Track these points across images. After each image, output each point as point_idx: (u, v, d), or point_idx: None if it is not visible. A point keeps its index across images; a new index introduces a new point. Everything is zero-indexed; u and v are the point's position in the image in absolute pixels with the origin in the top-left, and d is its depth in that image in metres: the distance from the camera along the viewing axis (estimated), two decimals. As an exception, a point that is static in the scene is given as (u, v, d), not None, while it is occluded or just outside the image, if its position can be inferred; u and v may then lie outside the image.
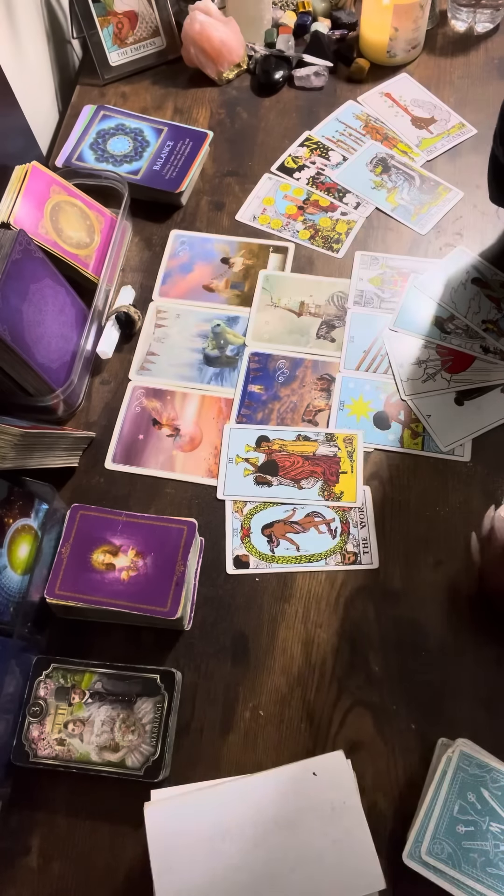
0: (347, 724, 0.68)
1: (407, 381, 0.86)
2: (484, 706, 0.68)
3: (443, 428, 0.83)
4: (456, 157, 1.06)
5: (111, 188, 0.98)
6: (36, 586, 0.69)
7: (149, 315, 0.93)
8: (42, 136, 1.09)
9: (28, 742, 0.65)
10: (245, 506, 0.80)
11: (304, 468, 0.82)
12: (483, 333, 0.89)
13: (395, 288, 0.94)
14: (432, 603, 0.73)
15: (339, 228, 1.00)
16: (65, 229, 0.89)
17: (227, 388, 0.88)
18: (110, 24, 1.11)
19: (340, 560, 0.76)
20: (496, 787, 0.61)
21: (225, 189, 1.05)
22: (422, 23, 1.11)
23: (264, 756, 0.67)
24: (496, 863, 0.58)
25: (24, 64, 1.04)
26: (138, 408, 0.87)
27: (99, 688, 0.67)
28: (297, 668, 0.71)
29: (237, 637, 0.73)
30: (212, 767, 0.67)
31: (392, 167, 1.05)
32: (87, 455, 0.84)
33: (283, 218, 1.01)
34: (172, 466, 0.83)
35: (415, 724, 0.68)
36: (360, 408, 0.85)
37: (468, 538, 0.76)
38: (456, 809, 0.60)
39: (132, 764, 0.64)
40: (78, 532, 0.73)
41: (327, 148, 1.08)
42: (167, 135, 1.06)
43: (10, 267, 0.74)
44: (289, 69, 1.15)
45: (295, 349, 0.90)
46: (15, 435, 0.69)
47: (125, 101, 1.15)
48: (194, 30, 1.10)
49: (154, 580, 0.70)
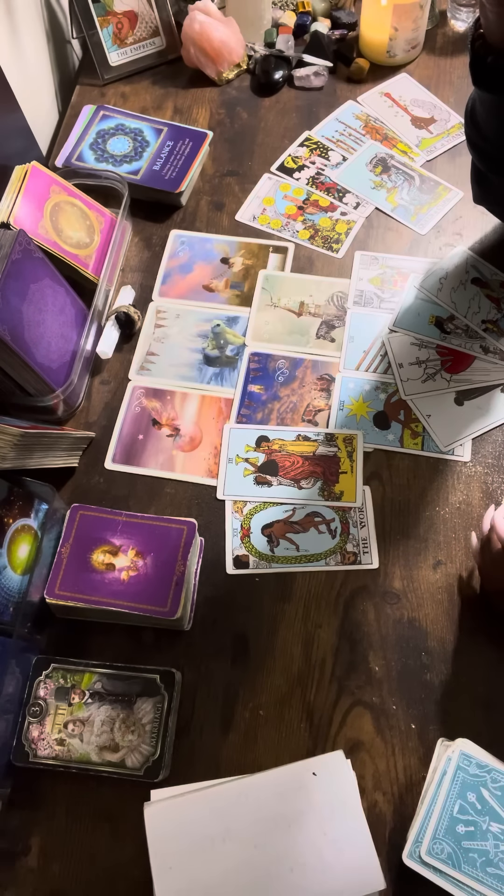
0: (347, 724, 0.68)
1: (407, 381, 0.86)
2: (484, 706, 0.68)
3: (443, 428, 0.83)
4: (456, 156, 1.06)
5: (111, 188, 0.98)
6: (36, 586, 0.69)
7: (149, 315, 0.93)
8: (42, 136, 1.09)
9: (28, 742, 0.65)
10: (245, 506, 0.80)
11: (304, 468, 0.82)
12: (483, 333, 0.89)
13: (395, 288, 0.94)
14: (432, 603, 0.73)
15: (339, 228, 1.00)
16: (65, 229, 0.89)
17: (227, 388, 0.88)
18: (110, 24, 1.11)
19: (340, 560, 0.76)
20: (496, 787, 0.61)
21: (225, 189, 1.05)
22: (421, 23, 1.11)
23: (264, 756, 0.67)
24: (496, 863, 0.58)
25: (24, 64, 1.04)
26: (138, 408, 0.87)
27: (99, 688, 0.67)
28: (297, 668, 0.71)
29: (237, 637, 0.73)
30: (212, 767, 0.67)
31: (392, 167, 1.05)
32: (87, 455, 0.84)
33: (283, 218, 1.01)
34: (172, 466, 0.83)
35: (415, 724, 0.68)
36: (360, 408, 0.85)
37: (468, 538, 0.76)
38: (456, 809, 0.60)
39: (132, 764, 0.64)
40: (78, 532, 0.73)
41: (327, 148, 1.08)
42: (167, 135, 1.06)
43: (10, 267, 0.74)
44: (289, 69, 1.15)
45: (295, 349, 0.90)
46: (15, 435, 0.69)
47: (125, 101, 1.15)
48: (194, 30, 1.10)
49: (154, 580, 0.70)
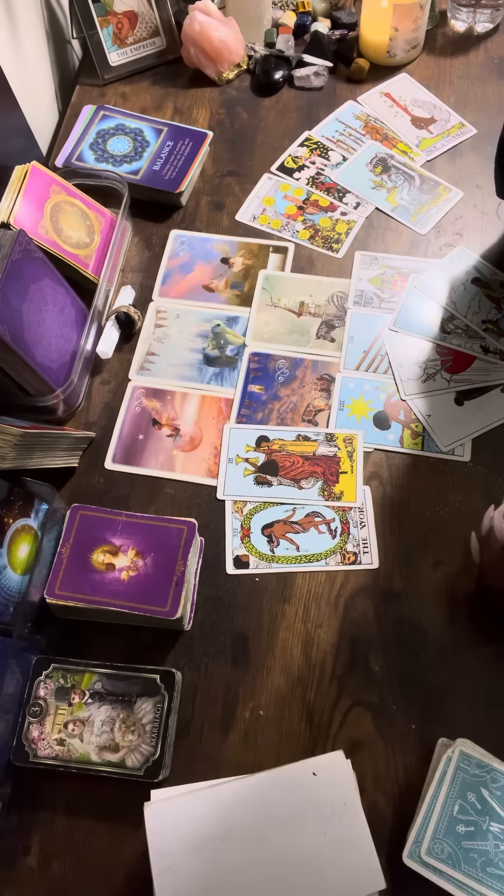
0: (347, 724, 0.68)
1: (407, 381, 0.86)
2: (484, 706, 0.68)
3: (443, 428, 0.83)
4: (456, 156, 1.06)
5: (111, 188, 0.98)
6: (36, 586, 0.69)
7: (149, 315, 0.93)
8: (42, 136, 1.09)
9: (28, 742, 0.65)
10: (245, 506, 0.80)
11: (304, 468, 0.82)
12: (483, 333, 0.89)
13: (395, 288, 0.94)
14: (432, 603, 0.73)
15: (339, 228, 1.00)
16: (65, 229, 0.89)
17: (227, 388, 0.88)
18: (110, 24, 1.11)
19: (340, 560, 0.76)
20: (496, 787, 0.61)
21: (225, 189, 1.05)
22: (421, 23, 1.11)
23: (264, 756, 0.67)
24: (496, 863, 0.58)
25: (24, 64, 1.04)
26: (138, 408, 0.87)
27: (99, 688, 0.67)
28: (297, 668, 0.71)
29: (237, 637, 0.73)
30: (212, 767, 0.67)
31: (392, 167, 1.05)
32: (87, 455, 0.84)
33: (283, 218, 1.01)
34: (172, 466, 0.83)
35: (415, 724, 0.68)
36: (360, 408, 0.85)
37: (468, 538, 0.76)
38: (456, 809, 0.60)
39: (132, 764, 0.64)
40: (78, 532, 0.73)
41: (327, 148, 1.08)
42: (167, 135, 1.06)
43: (10, 267, 0.74)
44: (289, 69, 1.15)
45: (295, 349, 0.90)
46: (15, 435, 0.69)
47: (125, 102, 1.15)
48: (194, 30, 1.10)
49: (154, 580, 0.70)
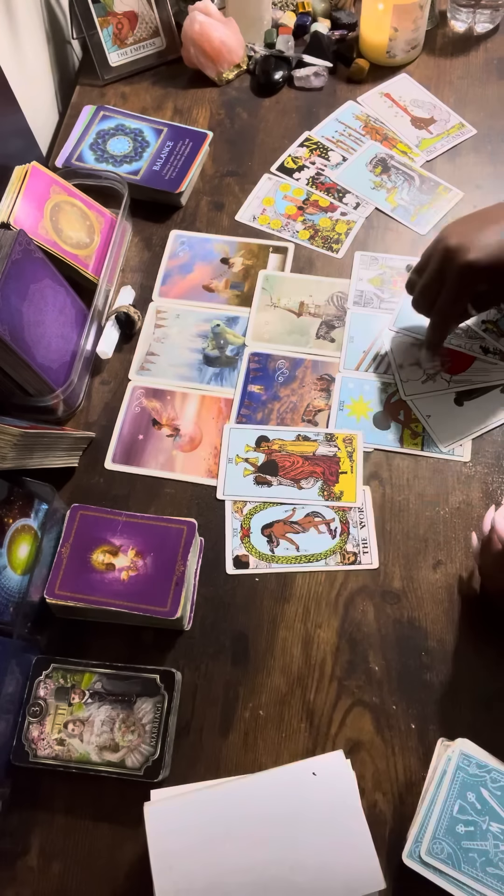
0: (347, 724, 0.68)
1: (407, 382, 0.86)
2: (484, 706, 0.68)
3: (443, 428, 0.83)
4: (455, 157, 1.06)
5: (111, 188, 0.98)
6: (36, 586, 0.69)
7: (149, 315, 0.93)
8: (42, 137, 1.09)
9: (28, 742, 0.65)
10: (245, 506, 0.80)
11: (304, 468, 0.82)
12: (483, 334, 0.89)
13: (395, 288, 0.94)
14: (432, 603, 0.73)
15: (339, 229, 1.00)
16: (65, 229, 0.89)
17: (227, 388, 0.88)
18: (110, 24, 1.11)
19: (340, 560, 0.76)
20: (496, 787, 0.61)
21: (225, 189, 1.05)
22: (421, 23, 1.11)
23: (264, 756, 0.67)
24: (496, 863, 0.58)
25: (24, 64, 1.04)
26: (138, 408, 0.87)
27: (99, 688, 0.67)
28: (297, 668, 0.71)
29: (237, 637, 0.73)
30: (212, 767, 0.67)
31: (392, 167, 1.05)
32: (87, 455, 0.84)
33: (283, 218, 1.01)
34: (172, 466, 0.83)
35: (415, 724, 0.68)
36: (360, 408, 0.85)
37: (468, 538, 0.76)
38: (456, 809, 0.60)
39: (132, 764, 0.64)
40: (78, 532, 0.73)
41: (327, 148, 1.08)
42: (167, 135, 1.06)
43: (10, 267, 0.74)
44: (288, 69, 1.15)
45: (295, 349, 0.90)
46: (15, 435, 0.69)
47: (125, 102, 1.15)
48: (194, 30, 1.10)
49: (154, 580, 0.70)
